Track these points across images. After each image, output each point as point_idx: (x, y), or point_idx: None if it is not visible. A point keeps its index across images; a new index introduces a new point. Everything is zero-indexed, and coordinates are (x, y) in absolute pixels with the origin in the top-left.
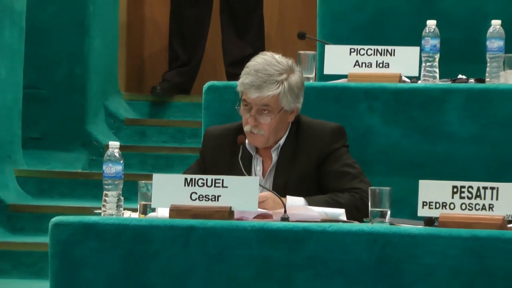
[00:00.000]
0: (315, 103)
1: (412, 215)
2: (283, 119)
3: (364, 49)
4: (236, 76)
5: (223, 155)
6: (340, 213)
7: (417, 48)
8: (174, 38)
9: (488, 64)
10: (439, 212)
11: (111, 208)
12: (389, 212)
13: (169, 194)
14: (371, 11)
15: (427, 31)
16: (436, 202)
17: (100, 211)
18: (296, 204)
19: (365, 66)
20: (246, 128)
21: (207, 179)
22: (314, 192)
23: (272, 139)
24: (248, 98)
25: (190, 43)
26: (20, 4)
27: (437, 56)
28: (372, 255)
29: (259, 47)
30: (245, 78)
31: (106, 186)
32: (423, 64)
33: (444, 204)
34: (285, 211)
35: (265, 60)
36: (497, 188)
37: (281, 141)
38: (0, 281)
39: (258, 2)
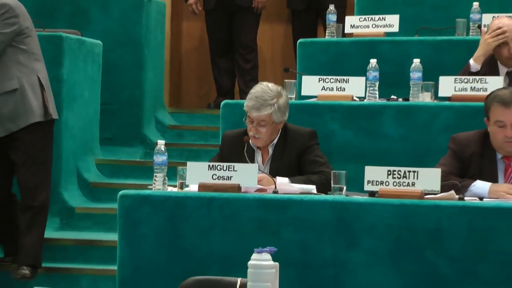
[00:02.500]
0: (296, 115)
1: (360, 189)
2: (275, 128)
3: (328, 79)
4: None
5: (234, 150)
6: (312, 188)
7: (363, 78)
8: (216, 77)
9: (411, 89)
10: (379, 188)
11: (159, 185)
12: (345, 188)
13: (198, 176)
14: (333, 53)
15: (370, 66)
16: (376, 181)
17: (152, 187)
18: (283, 182)
19: (329, 90)
20: (250, 134)
21: (223, 165)
22: (295, 174)
23: (268, 140)
24: (251, 115)
25: (226, 81)
26: (98, 48)
27: (377, 83)
28: (333, 216)
29: (255, 79)
30: (249, 102)
31: (155, 170)
32: (368, 89)
33: (382, 182)
34: (275, 187)
35: (261, 89)
36: (417, 171)
37: (274, 141)
38: (84, 233)
39: (254, 47)
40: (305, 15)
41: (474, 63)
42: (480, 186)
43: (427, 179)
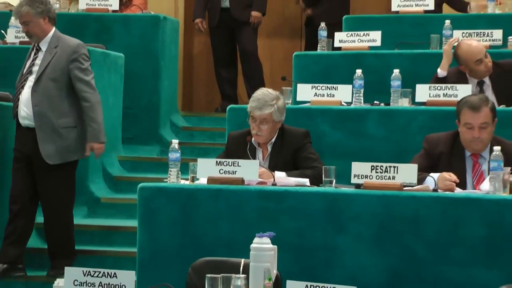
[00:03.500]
0: (292, 118)
1: (348, 182)
2: (274, 126)
3: (319, 86)
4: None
5: (238, 148)
6: (306, 181)
7: (350, 86)
8: (220, 84)
9: (392, 95)
10: (364, 181)
11: (173, 178)
12: (334, 181)
13: (207, 170)
14: (323, 65)
15: (356, 75)
16: (361, 175)
17: (167, 180)
18: (280, 176)
19: (320, 96)
20: (253, 132)
21: (228, 161)
22: (291, 169)
23: (268, 138)
24: (254, 115)
25: (228, 87)
26: (121, 60)
27: (362, 90)
28: (325, 205)
29: (259, 81)
30: (252, 103)
31: (170, 165)
32: (354, 95)
33: (367, 176)
34: (274, 180)
35: (263, 93)
36: (397, 167)
37: (273, 140)
38: (108, 220)
39: (256, 54)
40: (307, 31)
41: (440, 71)
42: (430, 180)
43: (406, 173)
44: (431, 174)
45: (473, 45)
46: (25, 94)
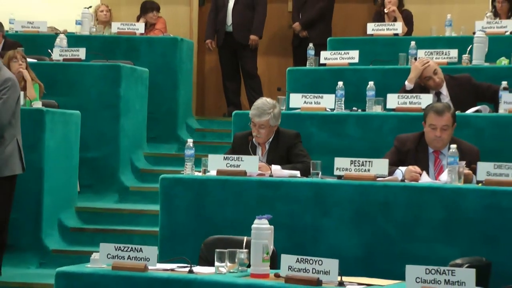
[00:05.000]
0: (285, 121)
1: (331, 174)
2: (271, 130)
3: (308, 95)
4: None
5: (242, 146)
6: (297, 173)
7: (333, 95)
8: (226, 94)
9: (367, 103)
10: (344, 173)
11: (189, 171)
12: (320, 173)
13: (216, 164)
14: (311, 77)
15: (338, 87)
16: (342, 168)
17: (183, 172)
18: (276, 169)
19: (309, 103)
20: (254, 134)
21: (234, 157)
22: (285, 163)
23: (266, 139)
24: (254, 121)
25: (233, 96)
26: (146, 74)
27: (343, 99)
28: (312, 193)
29: (259, 93)
30: (253, 111)
31: (186, 160)
32: (336, 102)
33: (347, 168)
34: (271, 172)
35: (261, 102)
36: (372, 161)
37: (270, 139)
38: (135, 205)
39: (255, 72)
40: (297, 50)
41: (408, 84)
42: (399, 172)
43: (379, 167)
44: (400, 167)
45: (432, 62)
46: None
